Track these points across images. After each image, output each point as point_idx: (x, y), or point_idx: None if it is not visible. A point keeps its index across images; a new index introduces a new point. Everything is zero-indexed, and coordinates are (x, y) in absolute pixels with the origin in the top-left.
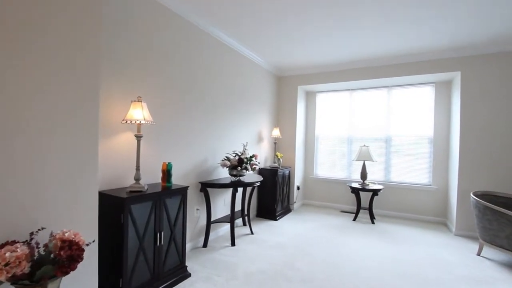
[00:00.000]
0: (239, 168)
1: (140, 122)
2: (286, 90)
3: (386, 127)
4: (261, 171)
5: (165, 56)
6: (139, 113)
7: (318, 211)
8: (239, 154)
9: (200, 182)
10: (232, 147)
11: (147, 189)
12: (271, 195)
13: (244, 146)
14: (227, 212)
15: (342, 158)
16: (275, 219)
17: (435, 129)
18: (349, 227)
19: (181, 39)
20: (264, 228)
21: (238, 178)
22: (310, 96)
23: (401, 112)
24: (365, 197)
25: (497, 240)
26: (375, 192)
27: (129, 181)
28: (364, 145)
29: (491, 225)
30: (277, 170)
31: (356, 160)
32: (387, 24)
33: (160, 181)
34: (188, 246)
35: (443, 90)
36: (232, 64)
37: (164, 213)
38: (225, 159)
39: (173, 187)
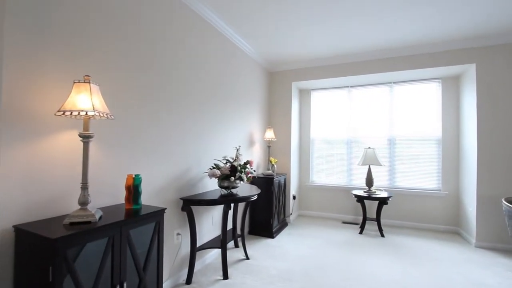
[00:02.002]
0: (232, 178)
1: (87, 114)
2: (279, 86)
3: (389, 127)
4: (253, 180)
5: (136, 31)
6: (85, 100)
7: (318, 224)
8: (231, 160)
9: (181, 199)
10: (221, 152)
11: (100, 217)
12: (266, 208)
13: (237, 151)
14: (216, 232)
15: (341, 162)
16: (272, 237)
17: (443, 129)
18: (358, 243)
19: (155, 11)
20: (261, 250)
21: (230, 190)
22: (304, 95)
23: (405, 111)
24: (369, 205)
25: None
26: (383, 200)
27: (73, 206)
28: (369, 148)
29: None
30: (272, 178)
31: (362, 165)
32: (389, 9)
33: (123, 201)
34: (165, 285)
35: (450, 87)
36: (220, 51)
37: (128, 252)
38: (213, 168)
39: (143, 211)
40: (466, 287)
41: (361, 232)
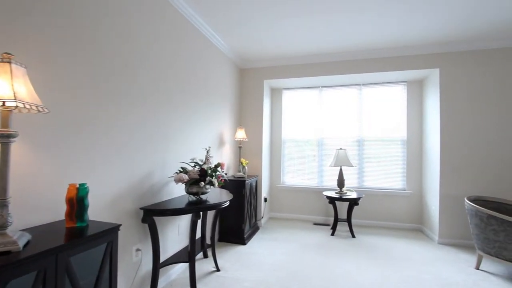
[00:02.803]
0: (202, 183)
1: (5, 105)
2: (251, 84)
3: (359, 128)
4: (224, 184)
5: (94, 12)
6: (3, 86)
7: (290, 226)
8: (201, 163)
9: (142, 209)
10: (189, 154)
11: (26, 243)
12: (237, 213)
13: (207, 152)
14: (183, 243)
15: (312, 163)
16: (244, 243)
17: (408, 131)
18: (331, 246)
19: None
20: (232, 259)
21: (199, 197)
22: (275, 94)
23: (373, 113)
24: (340, 206)
25: (504, 252)
26: (355, 201)
27: None
28: (341, 149)
29: (497, 236)
30: (244, 180)
31: (334, 166)
32: (362, 11)
33: (63, 218)
34: None
35: (414, 90)
36: (189, 43)
37: (67, 286)
38: (180, 172)
39: (91, 230)
40: (435, 283)
41: (333, 234)
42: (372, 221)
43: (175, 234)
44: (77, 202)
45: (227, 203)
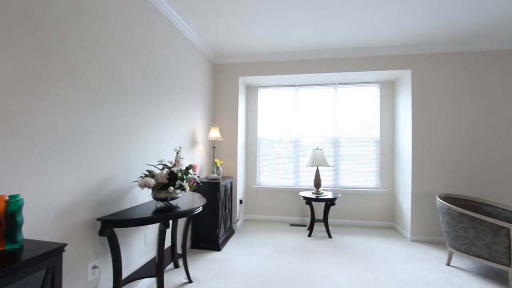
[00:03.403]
0: (171, 188)
1: None
2: (225, 81)
3: (334, 128)
4: (197, 187)
5: None
6: None
7: (266, 228)
8: (170, 165)
9: (100, 220)
10: (157, 156)
11: None
12: (211, 217)
13: (177, 154)
14: (150, 254)
15: (288, 163)
16: (219, 249)
17: (381, 130)
18: (308, 248)
19: None
20: (206, 268)
21: (168, 203)
22: (251, 92)
23: (348, 112)
24: (316, 206)
25: (473, 249)
26: (331, 201)
27: None
28: (318, 148)
29: (467, 233)
30: (218, 183)
31: (310, 166)
32: (338, 9)
33: None
34: None
35: (387, 91)
36: (156, 31)
37: None
38: (146, 175)
39: (25, 254)
40: (412, 281)
41: (310, 235)
42: (347, 220)
43: (141, 244)
44: (6, 218)
45: (200, 209)
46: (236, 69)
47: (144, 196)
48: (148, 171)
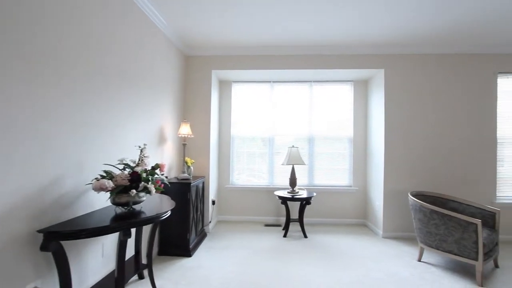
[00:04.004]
0: (134, 191)
1: None
2: (197, 74)
3: (309, 126)
4: (165, 188)
5: None
6: None
7: (240, 230)
8: (132, 164)
9: (41, 231)
10: (117, 154)
11: None
12: (181, 220)
13: (141, 152)
14: (109, 267)
15: (262, 161)
16: (190, 255)
17: (354, 129)
18: (285, 249)
19: None
20: (175, 277)
21: (131, 207)
22: (224, 87)
23: (323, 111)
24: (291, 205)
25: (444, 245)
26: (307, 200)
27: None
28: (293, 146)
29: (438, 229)
30: (189, 183)
31: (286, 164)
32: (316, 7)
33: None
34: None
35: (360, 90)
36: (120, 16)
37: None
38: (103, 177)
39: None
40: (390, 283)
41: (285, 235)
42: (321, 218)
43: (98, 256)
44: None
45: (168, 213)
46: (209, 62)
47: (101, 201)
48: (105, 171)
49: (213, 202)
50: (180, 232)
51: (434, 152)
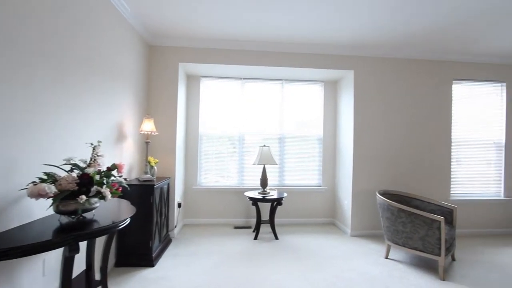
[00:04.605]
0: (83, 196)
1: None
2: (163, 66)
3: (280, 125)
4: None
5: None
6: None
7: (208, 233)
8: (83, 165)
9: None
10: (64, 152)
11: None
12: (143, 227)
13: (93, 150)
14: (54, 286)
15: (232, 161)
16: (152, 265)
17: (324, 129)
18: (256, 253)
19: None
20: None
21: (81, 216)
22: (192, 82)
23: (294, 110)
24: (262, 206)
25: (410, 242)
26: (278, 201)
27: None
28: (265, 145)
29: (405, 227)
30: (152, 185)
31: (258, 164)
32: (290, 4)
33: None
34: None
35: (330, 90)
36: None
37: None
38: (42, 180)
39: None
40: (362, 283)
41: (256, 238)
42: (291, 218)
43: (38, 276)
44: None
45: (127, 221)
46: (176, 54)
47: (38, 208)
48: (46, 173)
49: (179, 205)
50: (141, 240)
51: (398, 152)
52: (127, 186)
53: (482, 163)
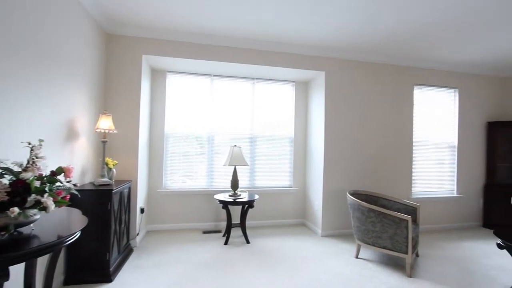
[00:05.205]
0: (15, 209)
1: None
2: (124, 58)
3: (251, 125)
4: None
5: None
6: None
7: (175, 240)
8: (17, 169)
9: None
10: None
11: None
12: (99, 237)
13: (32, 151)
14: None
15: (200, 162)
16: (109, 280)
17: (295, 129)
18: (227, 259)
19: None
20: None
21: (14, 231)
22: (157, 77)
23: (265, 110)
24: (233, 209)
25: (379, 241)
26: (250, 204)
27: None
28: (236, 146)
29: (374, 227)
30: (110, 190)
31: (228, 165)
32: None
33: None
34: None
35: (301, 90)
36: None
37: None
38: None
39: None
40: (337, 285)
41: (226, 242)
42: (262, 220)
43: None
44: None
45: (77, 235)
46: (139, 45)
47: None
48: None
49: (142, 210)
50: (97, 252)
51: (366, 153)
52: (77, 193)
53: (438, 163)
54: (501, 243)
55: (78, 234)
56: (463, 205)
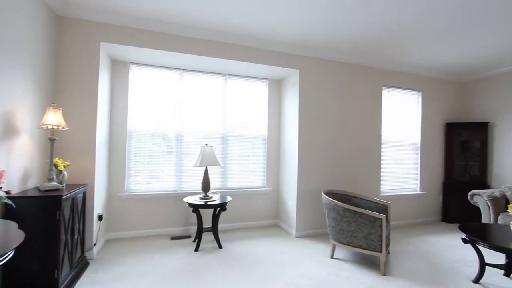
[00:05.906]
0: None
1: None
2: (78, 44)
3: (223, 123)
4: (11, 207)
5: None
6: None
7: (139, 249)
8: None
9: None
10: None
11: None
12: (45, 252)
13: None
14: None
15: (168, 162)
16: None
17: (268, 128)
18: (198, 267)
19: None
20: None
21: None
22: (119, 68)
23: (237, 108)
24: (204, 212)
25: (354, 240)
26: (222, 206)
27: None
28: (207, 145)
29: (350, 226)
30: (59, 196)
31: (199, 166)
32: None
33: None
34: None
35: (275, 89)
36: None
37: None
38: None
39: None
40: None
41: (197, 249)
42: (235, 223)
43: None
44: None
45: (9, 255)
46: (97, 31)
47: None
48: None
49: (100, 217)
50: (43, 269)
51: (337, 152)
52: (10, 202)
53: (404, 162)
54: (465, 238)
55: (11, 254)
56: (425, 201)
